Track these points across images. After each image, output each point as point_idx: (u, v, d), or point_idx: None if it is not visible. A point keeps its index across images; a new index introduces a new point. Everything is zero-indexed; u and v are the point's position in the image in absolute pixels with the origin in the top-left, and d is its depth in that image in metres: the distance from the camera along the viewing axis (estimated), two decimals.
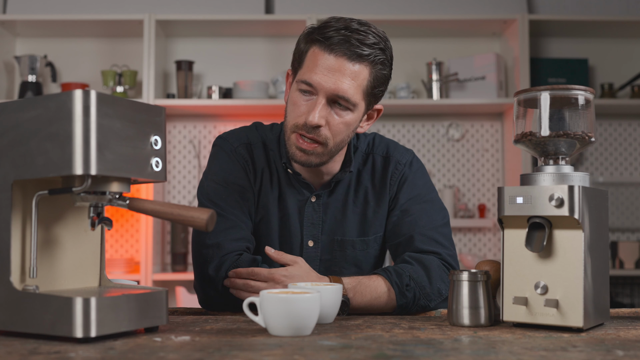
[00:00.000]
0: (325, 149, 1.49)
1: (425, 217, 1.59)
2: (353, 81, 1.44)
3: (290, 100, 1.51)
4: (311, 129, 1.45)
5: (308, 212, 1.59)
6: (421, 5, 3.83)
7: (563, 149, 1.22)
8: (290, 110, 1.50)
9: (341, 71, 1.43)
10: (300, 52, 1.50)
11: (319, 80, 1.43)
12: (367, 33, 1.45)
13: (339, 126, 1.47)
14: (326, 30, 1.45)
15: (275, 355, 0.92)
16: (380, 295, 1.44)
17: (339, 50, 1.43)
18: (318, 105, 1.44)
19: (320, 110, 1.44)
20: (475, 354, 0.95)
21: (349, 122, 1.48)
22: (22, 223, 1.10)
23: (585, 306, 1.14)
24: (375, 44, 1.45)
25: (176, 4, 3.79)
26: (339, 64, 1.43)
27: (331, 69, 1.43)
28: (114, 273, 3.47)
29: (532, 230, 1.18)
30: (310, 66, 1.45)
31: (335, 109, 1.46)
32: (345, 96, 1.44)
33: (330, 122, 1.46)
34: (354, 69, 1.44)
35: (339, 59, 1.43)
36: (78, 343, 1.01)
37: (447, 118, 3.90)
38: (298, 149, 1.49)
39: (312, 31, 1.48)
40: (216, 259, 1.48)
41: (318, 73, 1.44)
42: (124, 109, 1.06)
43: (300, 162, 1.50)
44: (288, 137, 1.51)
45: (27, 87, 3.62)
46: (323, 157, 1.50)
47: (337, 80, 1.43)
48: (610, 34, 3.90)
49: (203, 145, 3.84)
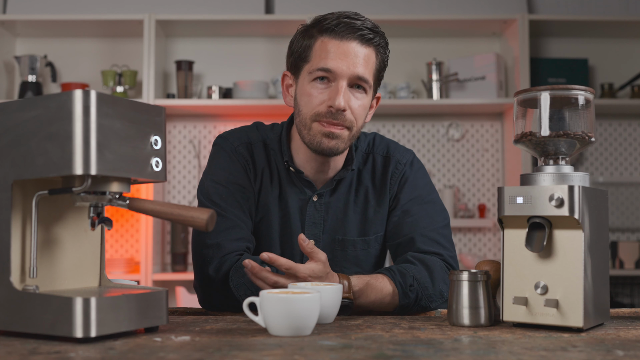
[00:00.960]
0: (350, 134, 1.51)
1: (427, 218, 1.59)
2: (366, 63, 1.48)
3: (302, 93, 1.51)
4: (338, 114, 1.47)
5: (310, 211, 1.59)
6: (421, 5, 3.83)
7: (563, 149, 1.22)
8: (305, 102, 1.50)
9: (356, 54, 1.47)
10: (304, 48, 1.51)
11: (338, 65, 1.46)
12: (365, 19, 1.50)
13: (358, 110, 1.50)
14: (328, 21, 1.48)
15: (275, 355, 0.92)
16: (385, 296, 1.44)
17: (349, 35, 1.46)
18: (341, 89, 1.46)
19: (344, 94, 1.47)
20: (475, 354, 0.95)
21: (365, 106, 1.52)
22: (22, 223, 1.10)
23: (585, 306, 1.14)
24: (375, 27, 1.51)
25: (176, 4, 3.79)
26: (352, 48, 1.47)
27: (347, 54, 1.46)
28: (114, 273, 3.47)
29: (532, 230, 1.18)
30: (323, 55, 1.47)
31: (353, 92, 1.49)
32: (364, 77, 1.48)
33: (352, 106, 1.49)
34: (365, 51, 1.48)
35: (351, 43, 1.47)
36: (78, 343, 1.01)
37: (447, 118, 3.90)
38: (325, 135, 1.49)
39: (312, 25, 1.51)
40: (216, 259, 1.48)
41: (334, 59, 1.46)
42: (124, 109, 1.06)
43: (328, 147, 1.50)
44: (309, 127, 1.50)
45: (27, 87, 3.62)
46: (347, 143, 1.52)
47: (355, 63, 1.47)
48: (610, 34, 3.90)
49: (203, 145, 3.84)
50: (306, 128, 1.51)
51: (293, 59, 1.54)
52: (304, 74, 1.51)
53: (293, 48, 1.54)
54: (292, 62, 1.54)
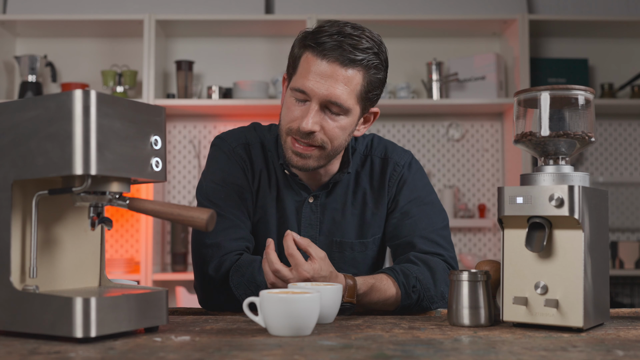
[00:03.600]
0: (323, 152, 1.48)
1: (426, 219, 1.59)
2: (346, 86, 1.43)
3: (285, 103, 1.51)
4: (305, 134, 1.45)
5: (305, 213, 1.59)
6: (421, 5, 3.83)
7: (563, 149, 1.22)
8: (284, 113, 1.50)
9: (334, 77, 1.42)
10: (294, 58, 1.49)
11: (312, 87, 1.42)
12: (361, 37, 1.43)
13: (334, 130, 1.46)
14: (319, 35, 1.43)
15: (275, 355, 0.92)
16: (388, 298, 1.44)
17: (331, 56, 1.41)
18: (311, 111, 1.43)
19: (313, 116, 1.43)
20: (475, 354, 0.95)
21: (344, 126, 1.47)
22: (22, 223, 1.10)
23: (585, 306, 1.14)
24: (369, 48, 1.44)
25: (176, 4, 3.79)
26: (331, 70, 1.42)
27: (323, 75, 1.42)
28: (114, 273, 3.47)
29: (532, 230, 1.18)
30: (303, 73, 1.44)
31: (328, 114, 1.45)
32: (338, 102, 1.43)
33: (325, 127, 1.45)
34: (346, 74, 1.43)
35: (331, 64, 1.42)
36: (78, 343, 1.01)
37: (447, 118, 3.90)
38: (294, 154, 1.48)
39: (305, 36, 1.47)
40: (216, 259, 1.49)
41: (311, 79, 1.43)
42: (124, 109, 1.06)
43: (298, 166, 1.49)
44: (284, 140, 1.50)
45: (27, 87, 3.62)
46: (321, 161, 1.50)
47: (329, 86, 1.42)
48: (610, 34, 3.90)
49: (203, 145, 3.84)
50: (282, 139, 1.51)
51: (288, 65, 1.53)
52: (290, 87, 1.49)
53: (290, 52, 1.52)
54: (287, 67, 1.54)
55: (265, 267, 1.33)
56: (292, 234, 1.33)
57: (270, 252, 1.33)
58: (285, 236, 1.33)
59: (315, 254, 1.32)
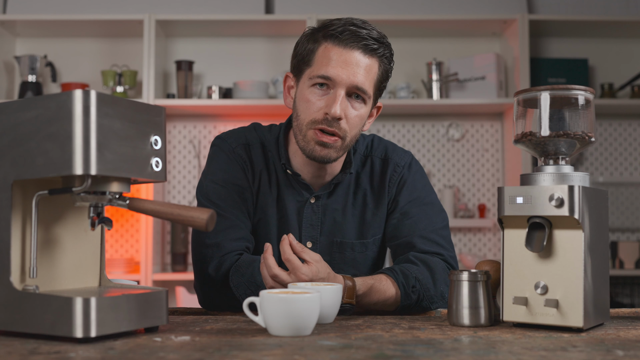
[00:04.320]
0: (343, 143, 1.50)
1: (426, 219, 1.59)
2: (367, 74, 1.47)
3: (301, 98, 1.51)
4: (333, 122, 1.46)
5: (307, 213, 1.59)
6: (421, 5, 3.83)
7: (563, 149, 1.22)
8: (304, 107, 1.50)
9: (357, 64, 1.46)
10: (308, 52, 1.50)
11: (338, 73, 1.45)
12: (372, 29, 1.49)
13: (355, 119, 1.49)
14: (334, 27, 1.47)
15: (275, 355, 0.92)
16: (387, 298, 1.44)
17: (353, 44, 1.46)
18: (338, 97, 1.46)
19: (341, 102, 1.46)
20: (475, 354, 0.95)
21: (362, 116, 1.51)
22: (22, 223, 1.10)
23: (585, 306, 1.14)
24: (382, 38, 1.50)
25: (176, 4, 3.79)
26: (354, 57, 1.46)
27: (348, 62, 1.45)
28: (114, 273, 3.47)
29: (532, 230, 1.18)
30: (325, 61, 1.47)
31: (352, 102, 1.48)
32: (363, 87, 1.47)
33: (347, 115, 1.48)
34: (367, 62, 1.47)
35: (354, 52, 1.46)
36: (78, 343, 1.01)
37: (447, 118, 3.90)
38: (318, 144, 1.48)
39: (318, 30, 1.50)
40: (216, 259, 1.49)
41: (335, 67, 1.45)
42: (124, 109, 1.06)
43: (320, 156, 1.50)
44: (304, 134, 1.50)
45: (27, 87, 3.62)
46: (339, 152, 1.51)
47: (355, 72, 1.46)
48: (610, 34, 3.90)
49: (203, 145, 3.84)
50: (301, 133, 1.51)
51: (296, 61, 1.53)
52: (304, 78, 1.50)
53: (298, 50, 1.53)
54: (295, 64, 1.54)
55: (264, 271, 1.33)
56: (289, 238, 1.32)
57: (268, 257, 1.33)
58: (282, 241, 1.33)
59: (310, 258, 1.32)
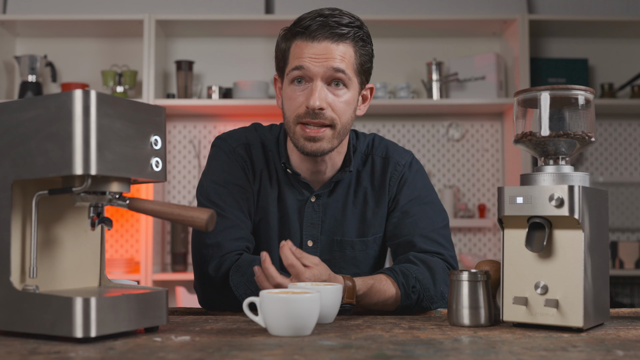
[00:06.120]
0: (334, 132, 1.50)
1: (426, 218, 1.59)
2: (342, 60, 1.47)
3: (285, 96, 1.53)
4: (314, 113, 1.46)
5: (308, 212, 1.59)
6: (421, 5, 3.83)
7: (563, 149, 1.22)
8: (287, 105, 1.52)
9: (329, 53, 1.46)
10: (283, 52, 1.53)
11: (310, 66, 1.46)
12: (341, 15, 1.49)
13: (340, 106, 1.49)
14: (302, 22, 1.48)
15: (275, 355, 0.92)
16: (387, 299, 1.44)
17: (320, 35, 1.46)
18: (316, 89, 1.46)
19: (319, 93, 1.46)
20: (475, 354, 0.95)
21: (348, 101, 1.50)
22: (22, 223, 1.10)
23: (585, 306, 1.14)
24: (351, 22, 1.49)
25: (176, 4, 3.79)
26: (324, 48, 1.46)
27: (319, 54, 1.46)
28: (114, 273, 3.47)
29: (532, 230, 1.18)
30: (298, 57, 1.48)
31: (332, 89, 1.48)
32: (340, 68, 1.46)
33: (331, 103, 1.48)
34: (339, 49, 1.47)
35: (322, 42, 1.46)
36: (78, 343, 1.01)
37: (447, 118, 3.90)
38: (306, 139, 1.49)
39: (289, 28, 1.52)
40: (216, 259, 1.49)
41: (307, 60, 1.46)
42: (124, 109, 1.06)
43: (312, 151, 1.50)
44: (293, 131, 1.51)
45: (27, 87, 3.62)
46: (333, 142, 1.51)
47: (327, 61, 1.46)
48: (610, 34, 3.90)
49: (203, 145, 3.84)
50: (291, 131, 1.52)
51: (277, 62, 1.56)
52: (285, 77, 1.52)
53: (276, 51, 1.56)
54: (277, 66, 1.57)
55: (265, 283, 1.31)
56: (288, 245, 1.31)
57: (269, 267, 1.31)
58: (281, 247, 1.31)
59: (310, 262, 1.32)
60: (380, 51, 1.70)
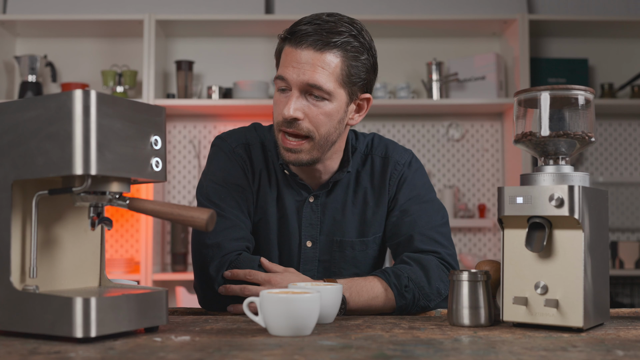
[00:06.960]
0: (312, 143, 1.48)
1: (425, 217, 1.59)
2: (324, 70, 1.44)
3: (273, 101, 1.53)
4: (289, 123, 1.46)
5: (306, 213, 1.59)
6: (421, 5, 3.83)
7: (563, 149, 1.22)
8: (274, 111, 1.53)
9: (310, 62, 1.44)
10: (277, 55, 1.53)
11: (289, 74, 1.45)
12: (337, 22, 1.46)
13: (318, 117, 1.46)
14: (296, 26, 1.47)
15: (275, 355, 0.92)
16: (377, 296, 1.44)
17: (305, 42, 1.44)
18: (292, 97, 1.45)
19: (294, 103, 1.45)
20: (475, 354, 0.95)
21: (329, 113, 1.47)
22: (22, 223, 1.10)
23: (585, 306, 1.14)
24: (345, 31, 1.45)
25: (176, 4, 3.79)
26: (306, 56, 1.44)
27: (300, 62, 1.44)
28: (114, 273, 3.47)
29: (532, 230, 1.18)
30: (283, 64, 1.48)
31: (311, 100, 1.46)
32: (316, 84, 1.44)
33: (308, 114, 1.46)
34: (323, 58, 1.44)
35: (305, 50, 1.44)
36: (78, 343, 1.01)
37: (447, 118, 3.90)
38: (285, 150, 1.50)
39: (284, 32, 1.51)
40: (217, 259, 1.49)
41: (287, 68, 1.45)
42: (124, 109, 1.06)
43: (290, 161, 1.50)
44: (277, 138, 1.52)
45: (27, 87, 3.62)
46: (313, 153, 1.49)
47: (306, 71, 1.43)
48: (610, 34, 3.90)
49: (203, 145, 3.84)
50: (276, 137, 1.53)
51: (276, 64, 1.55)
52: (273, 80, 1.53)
53: (275, 53, 1.56)
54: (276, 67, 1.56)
55: None
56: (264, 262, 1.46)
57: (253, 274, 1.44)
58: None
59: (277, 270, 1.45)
60: (380, 51, 1.69)
